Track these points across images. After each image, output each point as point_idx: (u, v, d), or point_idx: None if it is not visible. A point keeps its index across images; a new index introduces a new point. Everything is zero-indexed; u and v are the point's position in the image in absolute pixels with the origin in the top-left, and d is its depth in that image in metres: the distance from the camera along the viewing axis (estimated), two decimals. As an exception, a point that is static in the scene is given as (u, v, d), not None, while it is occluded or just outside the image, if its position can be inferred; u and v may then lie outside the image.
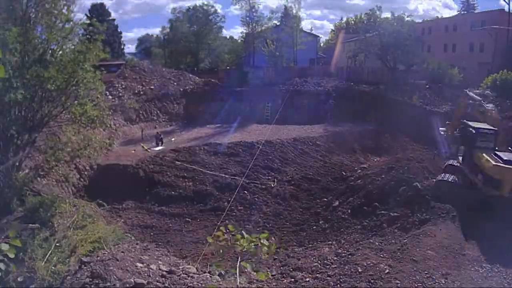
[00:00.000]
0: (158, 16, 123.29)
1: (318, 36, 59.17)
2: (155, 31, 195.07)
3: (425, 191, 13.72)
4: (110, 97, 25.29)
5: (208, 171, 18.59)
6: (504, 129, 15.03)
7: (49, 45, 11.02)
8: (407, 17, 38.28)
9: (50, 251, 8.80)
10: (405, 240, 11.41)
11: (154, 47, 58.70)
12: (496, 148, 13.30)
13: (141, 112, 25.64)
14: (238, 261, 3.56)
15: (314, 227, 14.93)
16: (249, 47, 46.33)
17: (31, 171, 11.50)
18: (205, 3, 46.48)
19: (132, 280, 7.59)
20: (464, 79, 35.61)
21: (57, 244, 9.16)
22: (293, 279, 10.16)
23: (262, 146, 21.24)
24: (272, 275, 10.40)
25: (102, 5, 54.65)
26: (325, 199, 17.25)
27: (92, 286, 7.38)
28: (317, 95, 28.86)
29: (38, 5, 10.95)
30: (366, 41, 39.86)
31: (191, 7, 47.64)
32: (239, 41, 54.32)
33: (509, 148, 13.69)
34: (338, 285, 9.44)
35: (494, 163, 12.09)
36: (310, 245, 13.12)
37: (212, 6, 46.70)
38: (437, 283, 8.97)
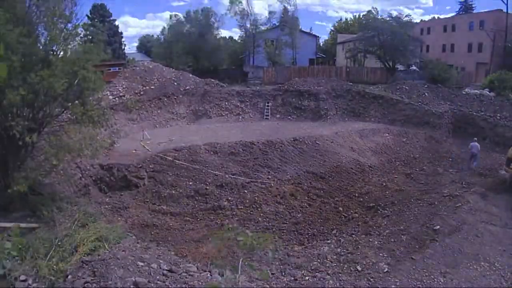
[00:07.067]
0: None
1: (318, 36, 59.27)
2: (156, 31, 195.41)
3: None
4: (111, 97, 25.36)
5: (208, 170, 18.66)
6: None
7: (51, 45, 11.09)
8: (405, 17, 38.52)
9: (51, 250, 8.87)
10: (403, 238, 11.53)
11: (154, 47, 58.80)
12: None
13: (141, 112, 25.71)
14: (241, 260, 3.64)
15: (314, 226, 15.00)
16: (248, 48, 46.44)
17: (33, 170, 11.54)
18: (205, 7, 46.81)
19: (133, 279, 7.66)
20: (462, 79, 35.84)
21: (59, 243, 9.22)
22: (293, 278, 10.25)
23: (262, 146, 21.33)
24: (272, 274, 10.48)
25: (102, 5, 54.76)
26: (326, 199, 17.37)
27: (94, 285, 7.45)
28: (317, 95, 28.94)
29: (39, 6, 11.02)
30: (365, 41, 40.08)
31: (192, 10, 47.86)
32: (239, 41, 54.41)
33: None
34: (338, 284, 9.52)
35: None
36: (310, 244, 13.21)
37: (210, 10, 46.90)
38: (435, 282, 9.06)
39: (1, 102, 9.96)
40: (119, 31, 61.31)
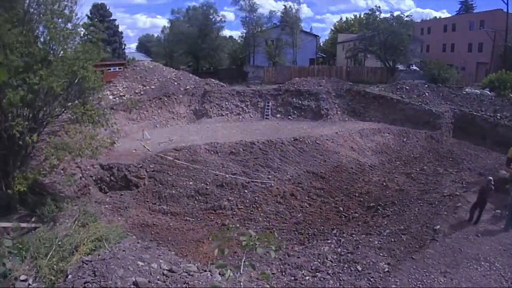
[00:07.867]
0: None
1: (318, 36, 59.22)
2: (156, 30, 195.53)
3: None
4: (111, 97, 25.36)
5: (209, 170, 18.66)
6: None
7: (51, 45, 11.10)
8: (406, 17, 38.49)
9: (52, 250, 8.88)
10: (403, 238, 11.53)
11: (154, 47, 58.83)
12: None
13: (142, 111, 25.71)
14: (243, 260, 3.63)
15: (314, 226, 15.00)
16: (249, 47, 46.44)
17: (33, 170, 11.55)
18: (205, 3, 46.62)
19: (133, 279, 7.67)
20: (462, 78, 35.83)
21: (59, 243, 9.24)
22: (293, 277, 10.25)
23: (262, 145, 21.33)
24: (272, 273, 10.48)
25: (103, 5, 54.71)
26: (326, 199, 17.36)
27: (94, 285, 7.45)
28: (317, 94, 28.94)
29: (39, 6, 11.02)
30: (365, 40, 40.08)
31: (191, 7, 47.77)
32: (239, 41, 54.42)
33: None
34: (338, 284, 9.52)
35: None
36: (310, 244, 13.20)
37: (211, 6, 46.74)
38: (436, 282, 9.06)
39: (1, 102, 9.97)
40: (119, 30, 61.30)
